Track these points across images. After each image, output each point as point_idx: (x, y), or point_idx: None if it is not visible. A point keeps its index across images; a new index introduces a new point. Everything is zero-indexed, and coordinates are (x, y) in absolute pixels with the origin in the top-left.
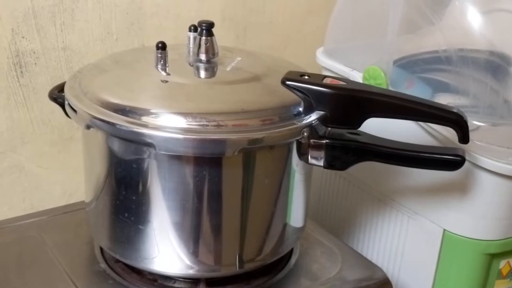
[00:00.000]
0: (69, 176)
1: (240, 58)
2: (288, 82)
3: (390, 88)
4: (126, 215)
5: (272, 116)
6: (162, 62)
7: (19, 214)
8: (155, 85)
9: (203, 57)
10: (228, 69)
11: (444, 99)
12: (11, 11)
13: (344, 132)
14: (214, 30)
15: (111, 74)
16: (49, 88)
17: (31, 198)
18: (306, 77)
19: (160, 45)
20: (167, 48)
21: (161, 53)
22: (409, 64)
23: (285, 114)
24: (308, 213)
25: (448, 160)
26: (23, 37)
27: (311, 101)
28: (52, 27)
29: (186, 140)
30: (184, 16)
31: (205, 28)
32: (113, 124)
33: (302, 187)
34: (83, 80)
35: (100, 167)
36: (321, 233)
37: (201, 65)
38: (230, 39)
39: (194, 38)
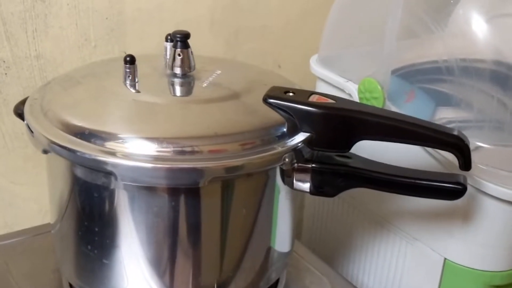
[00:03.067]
0: (44, 192)
1: (219, 72)
2: (270, 100)
3: (388, 102)
4: (89, 247)
5: (250, 140)
6: (130, 78)
7: None
8: (121, 104)
9: (177, 71)
10: (205, 85)
11: (446, 113)
12: None
13: (333, 155)
14: (201, 35)
15: (75, 90)
16: (21, 99)
17: (5, 216)
18: (291, 93)
19: (128, 58)
20: (141, 60)
21: (129, 68)
22: (409, 74)
23: (265, 137)
24: (300, 237)
25: (447, 189)
26: None
27: (296, 121)
28: (23, 34)
29: (153, 169)
30: (169, 20)
31: (180, 40)
32: (70, 151)
33: (287, 213)
34: (46, 95)
35: (61, 191)
36: (311, 260)
37: (176, 80)
38: (219, 45)
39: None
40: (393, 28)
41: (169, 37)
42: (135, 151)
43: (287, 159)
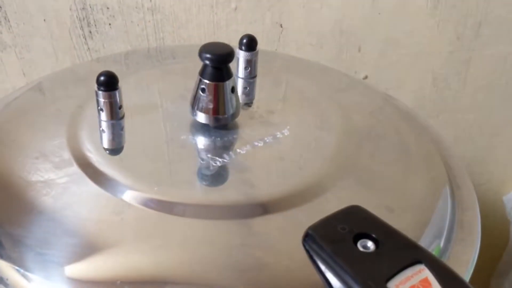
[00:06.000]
0: None
1: (285, 133)
2: (311, 245)
3: None
4: None
5: None
6: (104, 114)
7: None
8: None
9: (200, 118)
10: (216, 163)
11: None
12: None
13: None
14: (416, 20)
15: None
16: None
17: None
18: (371, 244)
19: (102, 78)
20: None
21: (105, 97)
22: None
23: None
24: None
25: None
26: None
27: None
28: None
29: None
30: None
31: (212, 64)
32: None
33: None
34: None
35: None
36: None
37: (185, 138)
38: (445, 40)
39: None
40: None
41: (244, 41)
42: None
43: None
